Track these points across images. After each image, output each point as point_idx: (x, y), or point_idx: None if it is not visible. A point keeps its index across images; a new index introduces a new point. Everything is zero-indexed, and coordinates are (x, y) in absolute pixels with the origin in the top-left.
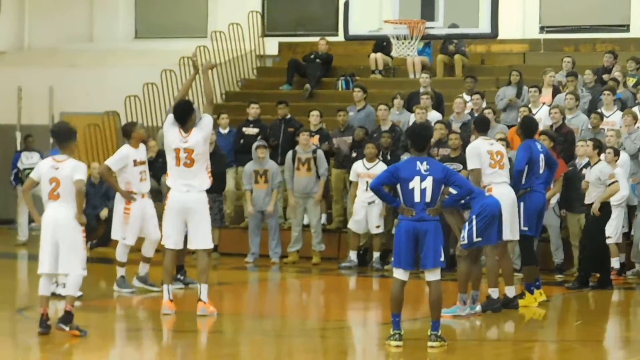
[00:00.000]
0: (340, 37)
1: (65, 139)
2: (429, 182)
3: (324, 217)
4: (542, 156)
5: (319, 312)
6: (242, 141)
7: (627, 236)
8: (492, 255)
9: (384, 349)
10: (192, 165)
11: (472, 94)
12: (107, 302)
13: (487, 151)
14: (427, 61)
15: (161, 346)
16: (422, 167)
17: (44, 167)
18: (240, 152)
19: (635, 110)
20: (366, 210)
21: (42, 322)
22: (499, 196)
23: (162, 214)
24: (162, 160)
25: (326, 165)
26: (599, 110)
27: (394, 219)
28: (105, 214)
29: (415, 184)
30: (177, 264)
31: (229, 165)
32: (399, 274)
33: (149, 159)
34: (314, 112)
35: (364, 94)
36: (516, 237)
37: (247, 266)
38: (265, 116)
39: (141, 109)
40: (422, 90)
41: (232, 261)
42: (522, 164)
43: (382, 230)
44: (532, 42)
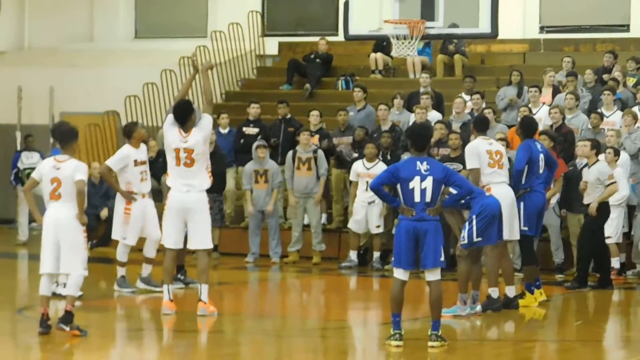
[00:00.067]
0: (340, 37)
1: (67, 139)
2: (429, 182)
3: (324, 217)
4: (542, 156)
5: (320, 312)
6: (242, 141)
7: (627, 236)
8: (491, 254)
9: (384, 348)
10: (192, 165)
11: (472, 94)
12: (107, 302)
13: (486, 151)
14: (427, 61)
15: (161, 346)
16: (422, 167)
17: (45, 167)
18: (240, 152)
19: (635, 110)
20: (366, 210)
21: (43, 322)
22: (498, 196)
23: (162, 213)
24: (162, 160)
25: (326, 165)
26: (599, 110)
27: (394, 218)
28: (105, 213)
29: (415, 183)
30: (177, 264)
31: (229, 165)
32: (399, 274)
33: (149, 159)
34: (314, 112)
35: (364, 94)
36: (515, 237)
37: (248, 266)
38: (265, 116)
39: (141, 109)
40: (422, 90)
41: (232, 261)
42: (522, 163)
43: (382, 230)
44: (532, 42)
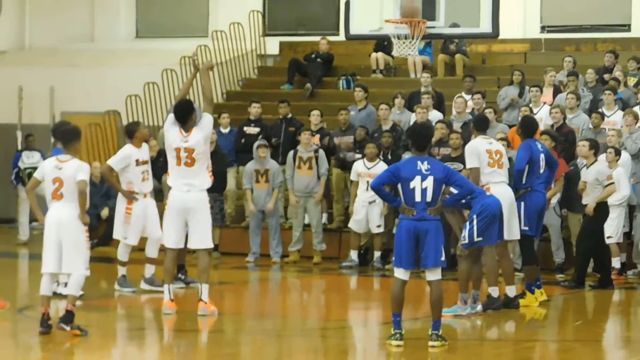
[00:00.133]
0: (341, 37)
1: (69, 139)
2: (429, 182)
3: (325, 217)
4: (542, 156)
5: (320, 311)
6: (243, 141)
7: (627, 236)
8: (491, 254)
9: (384, 348)
10: (192, 164)
11: (472, 94)
12: (108, 302)
13: (486, 150)
14: (428, 61)
15: (162, 346)
16: (423, 166)
17: (47, 167)
18: (241, 152)
19: (636, 110)
20: (367, 209)
21: (43, 321)
22: (497, 196)
23: (162, 213)
24: (163, 159)
25: (327, 165)
26: (600, 110)
27: (394, 218)
28: (106, 213)
29: (416, 183)
30: (178, 264)
31: (230, 164)
32: (400, 274)
33: (150, 159)
34: (315, 112)
35: (365, 94)
36: (515, 236)
37: (248, 266)
38: (266, 116)
39: (142, 108)
40: (423, 89)
41: (232, 261)
42: (523, 163)
43: (383, 229)
44: (533, 42)
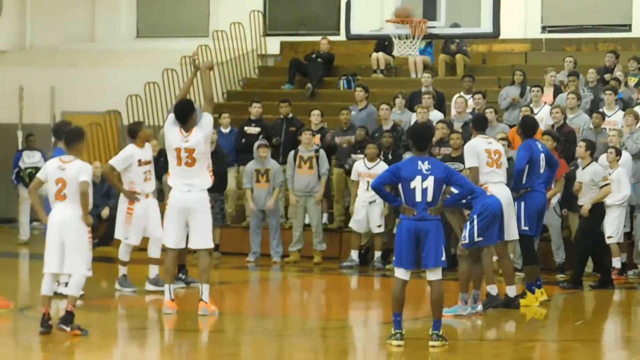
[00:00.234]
0: (342, 37)
1: (73, 139)
2: (430, 182)
3: (325, 217)
4: (542, 155)
5: (320, 311)
6: (243, 140)
7: (628, 236)
8: (488, 252)
9: (385, 348)
10: (193, 164)
11: (473, 94)
12: (108, 302)
13: (485, 150)
14: (428, 61)
15: (163, 345)
16: (424, 166)
17: (50, 168)
18: (241, 152)
19: (637, 110)
20: (367, 209)
21: (44, 321)
22: (495, 196)
23: (163, 213)
24: (163, 159)
25: (327, 165)
26: (601, 110)
27: (395, 218)
28: (106, 213)
29: (416, 183)
30: (178, 263)
31: (230, 164)
32: (401, 274)
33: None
34: (315, 112)
35: (365, 94)
36: (513, 237)
37: (249, 265)
38: (266, 115)
39: (143, 108)
40: (423, 89)
41: (233, 260)
42: (523, 163)
43: (383, 229)
44: (534, 42)
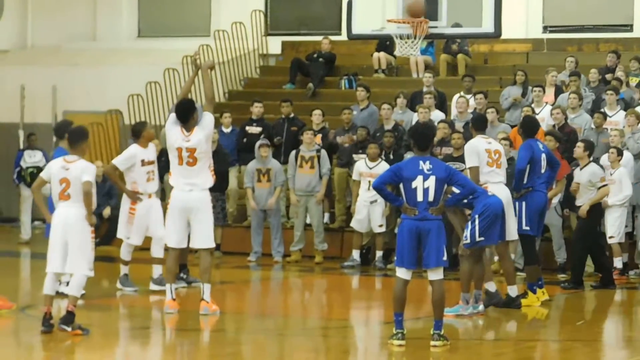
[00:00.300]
0: (343, 36)
1: (77, 139)
2: (431, 182)
3: (326, 216)
4: (543, 155)
5: (322, 311)
6: (245, 140)
7: (630, 236)
8: (489, 251)
9: (386, 348)
10: (194, 164)
11: (474, 94)
12: (109, 301)
13: (485, 149)
14: (430, 60)
15: (164, 345)
16: (425, 166)
17: (54, 167)
18: (243, 151)
19: (638, 110)
20: (368, 209)
21: (45, 320)
22: None
23: (166, 212)
24: (165, 159)
25: (329, 165)
26: (602, 110)
27: (396, 218)
28: (108, 212)
29: (418, 183)
30: (180, 263)
31: (231, 164)
32: (402, 273)
33: None
34: (317, 111)
35: (367, 93)
36: (512, 237)
37: (250, 265)
38: (268, 115)
39: (144, 107)
40: (425, 89)
41: (234, 260)
42: (524, 163)
43: (384, 229)
44: (535, 42)
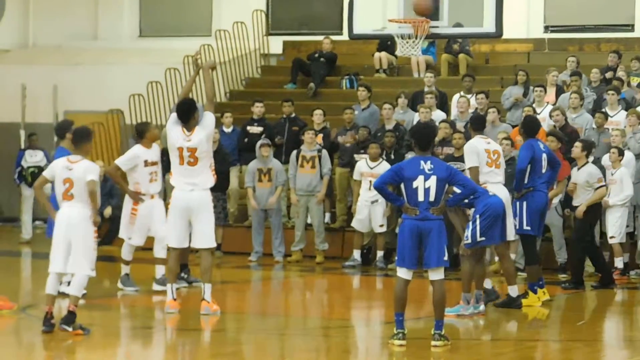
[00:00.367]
0: (344, 36)
1: (81, 139)
2: (432, 181)
3: (327, 216)
4: (544, 155)
5: (322, 310)
6: (246, 140)
7: (631, 236)
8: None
9: (387, 348)
10: (195, 163)
11: (476, 94)
12: (110, 301)
13: (485, 150)
14: (431, 60)
15: (165, 344)
16: (426, 166)
17: (57, 167)
18: (244, 151)
19: (639, 110)
20: (369, 209)
21: (46, 320)
22: None
23: (167, 212)
24: (166, 158)
25: (330, 165)
26: (603, 109)
27: (397, 217)
28: (108, 212)
29: (419, 183)
30: (180, 263)
31: (232, 163)
32: (403, 273)
33: None
34: (318, 111)
35: (368, 93)
36: (510, 237)
37: (251, 265)
38: (269, 115)
39: (145, 107)
40: (426, 89)
41: (235, 260)
42: (525, 163)
43: (385, 229)
44: (537, 42)
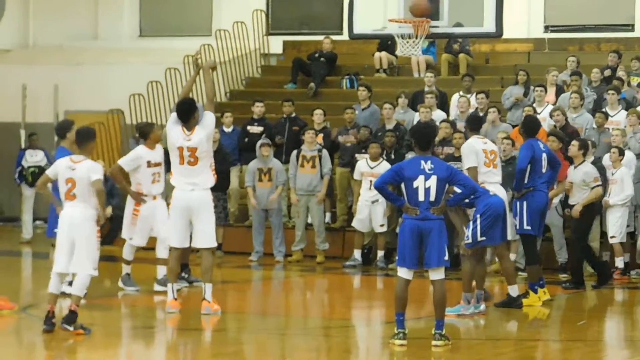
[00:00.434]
0: (344, 36)
1: (84, 139)
2: (433, 181)
3: (328, 216)
4: (544, 155)
5: (323, 310)
6: (246, 139)
7: (631, 236)
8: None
9: (388, 347)
10: (195, 163)
11: (476, 93)
12: (111, 300)
13: (482, 150)
14: (431, 60)
15: (165, 344)
16: (426, 166)
17: (60, 166)
18: (244, 151)
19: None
20: (370, 209)
21: (48, 319)
22: None
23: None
24: (166, 158)
25: (330, 164)
26: (604, 109)
27: (398, 217)
28: (109, 211)
29: (419, 182)
30: (181, 262)
31: (233, 163)
32: (403, 273)
33: None
34: (318, 111)
35: (368, 93)
36: (509, 237)
37: (251, 265)
38: (269, 114)
39: (145, 107)
40: (426, 89)
41: (236, 259)
42: (525, 163)
43: (386, 229)
44: (537, 42)
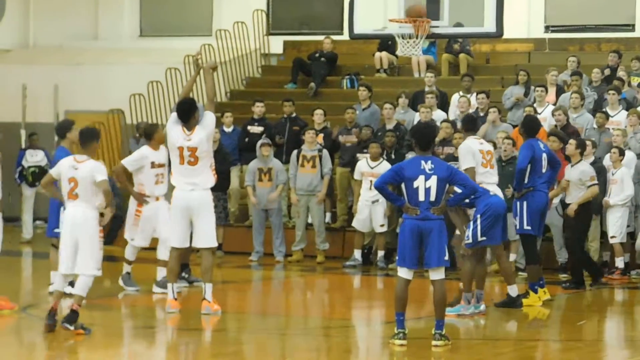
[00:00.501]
0: (345, 36)
1: (88, 139)
2: (433, 181)
3: (328, 216)
4: (544, 155)
5: (323, 310)
6: (247, 139)
7: (632, 236)
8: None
9: (388, 347)
10: (196, 163)
11: (476, 93)
12: (111, 300)
13: (479, 150)
14: (432, 60)
15: (166, 344)
16: (427, 166)
17: (64, 166)
18: (244, 151)
19: None
20: (370, 209)
21: (50, 316)
22: None
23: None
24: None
25: (330, 164)
26: (604, 109)
27: (398, 217)
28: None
29: (419, 182)
30: (181, 262)
31: (233, 163)
32: (403, 273)
33: None
34: (318, 111)
35: (368, 93)
36: (508, 237)
37: (251, 265)
38: (270, 114)
39: (146, 107)
40: (427, 89)
41: (236, 259)
42: (525, 163)
43: (386, 229)
44: (537, 42)
